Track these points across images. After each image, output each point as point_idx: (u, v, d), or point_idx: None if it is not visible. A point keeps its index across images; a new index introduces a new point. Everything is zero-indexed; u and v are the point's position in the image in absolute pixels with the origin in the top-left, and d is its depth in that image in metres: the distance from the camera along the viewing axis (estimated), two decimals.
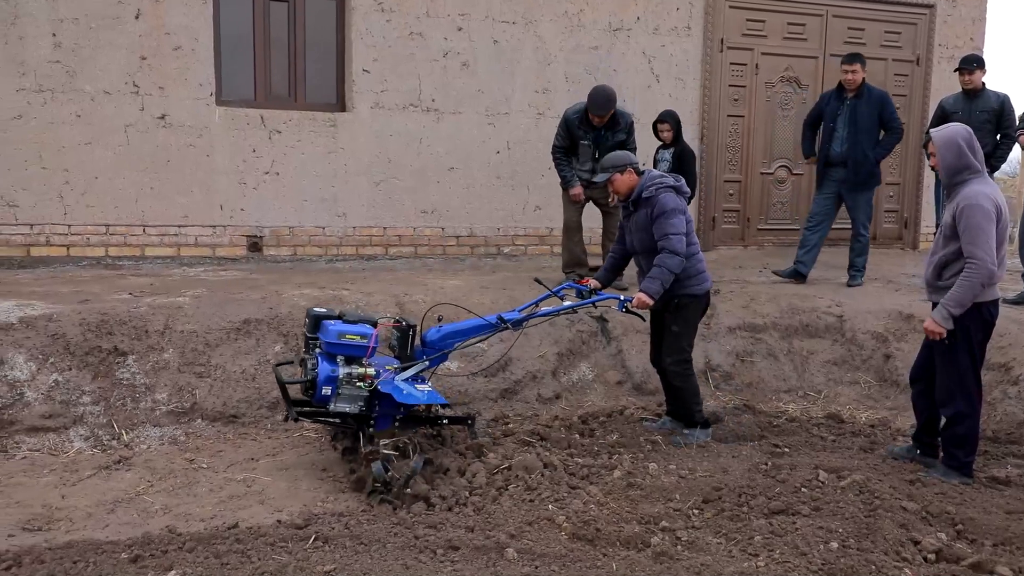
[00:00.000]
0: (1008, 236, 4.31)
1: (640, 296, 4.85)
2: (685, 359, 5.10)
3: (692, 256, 4.97)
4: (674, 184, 4.95)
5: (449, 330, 4.67)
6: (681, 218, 4.87)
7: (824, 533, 3.78)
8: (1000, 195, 4.31)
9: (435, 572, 3.43)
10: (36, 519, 3.93)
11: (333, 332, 4.30)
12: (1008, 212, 4.40)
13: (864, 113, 7.03)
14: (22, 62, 6.93)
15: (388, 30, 7.86)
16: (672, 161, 7.10)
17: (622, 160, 5.06)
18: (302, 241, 7.89)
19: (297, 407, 4.42)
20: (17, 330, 5.10)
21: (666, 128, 7.13)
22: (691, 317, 5.10)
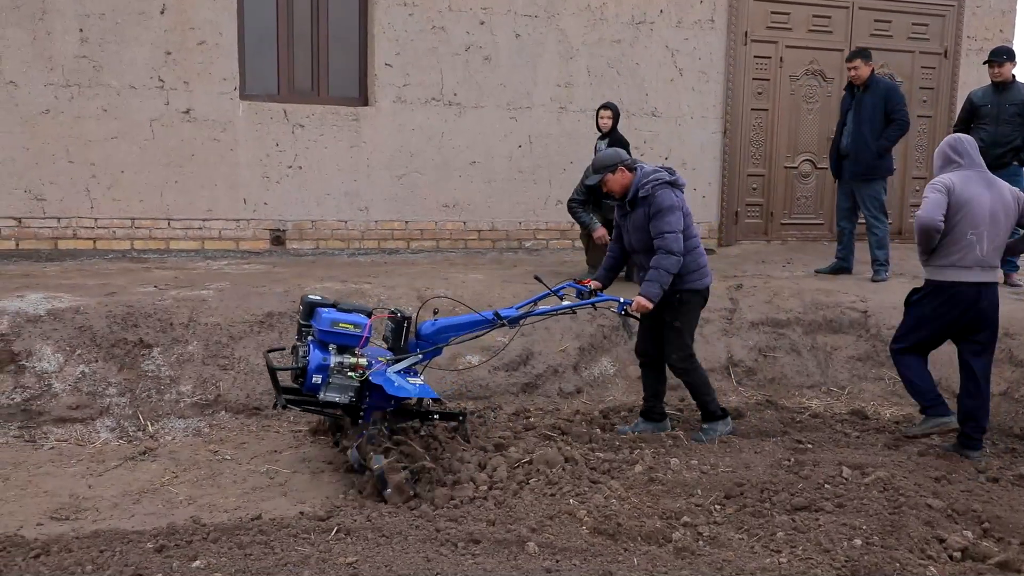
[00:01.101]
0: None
1: (639, 300, 4.76)
2: (689, 354, 5.01)
3: (693, 250, 4.88)
4: (670, 179, 4.81)
5: (444, 324, 4.59)
6: (678, 215, 4.75)
7: (848, 530, 3.75)
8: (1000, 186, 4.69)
9: (456, 565, 3.44)
10: (64, 508, 3.99)
11: (326, 320, 4.22)
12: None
13: (868, 105, 7.10)
14: (50, 57, 7.01)
15: (411, 24, 7.87)
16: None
17: (612, 159, 4.89)
18: (324, 235, 7.93)
19: (288, 395, 4.36)
20: (45, 322, 5.17)
21: (607, 116, 7.10)
22: (692, 312, 5.00)
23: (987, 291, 4.63)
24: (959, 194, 4.54)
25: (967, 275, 4.56)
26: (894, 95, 7.16)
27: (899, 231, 9.58)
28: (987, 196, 4.58)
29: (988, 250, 4.55)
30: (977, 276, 4.58)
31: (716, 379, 6.01)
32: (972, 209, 4.53)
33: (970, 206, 4.53)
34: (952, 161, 4.70)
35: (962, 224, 4.54)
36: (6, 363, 4.97)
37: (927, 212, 4.52)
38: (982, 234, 4.54)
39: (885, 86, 7.23)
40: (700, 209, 9.02)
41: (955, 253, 4.57)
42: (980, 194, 4.57)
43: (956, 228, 4.55)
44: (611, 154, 4.95)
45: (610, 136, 7.08)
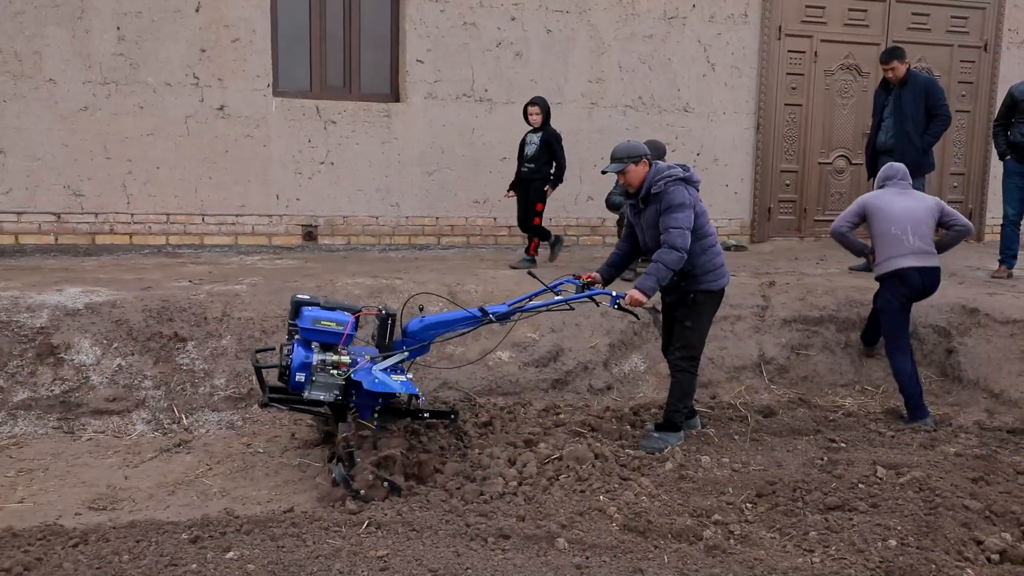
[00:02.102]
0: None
1: (633, 293, 4.59)
2: (694, 356, 4.83)
3: (709, 249, 4.73)
4: (683, 176, 4.66)
5: (432, 321, 4.51)
6: (688, 212, 4.58)
7: (882, 530, 3.71)
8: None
9: (486, 560, 3.45)
10: (101, 499, 4.06)
11: (308, 318, 4.19)
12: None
13: (909, 101, 7.00)
14: (88, 55, 7.13)
15: (442, 20, 7.89)
16: (539, 144, 7.01)
17: (637, 150, 4.73)
18: (356, 230, 7.98)
19: (276, 393, 4.35)
20: (83, 315, 5.26)
21: (536, 112, 7.00)
22: (706, 313, 4.83)
23: (926, 272, 5.38)
24: (869, 205, 5.53)
25: (904, 261, 5.34)
26: (934, 89, 7.05)
27: None
28: (899, 201, 5.48)
29: (915, 240, 5.35)
30: (913, 261, 5.34)
31: (747, 376, 5.98)
32: (885, 213, 5.43)
33: (882, 211, 5.44)
34: (880, 185, 5.73)
35: (882, 224, 5.42)
36: (45, 356, 5.06)
37: (836, 223, 5.69)
38: (905, 228, 5.37)
39: (924, 80, 7.12)
40: (732, 205, 8.95)
41: (888, 247, 5.39)
42: (891, 201, 5.48)
43: (879, 229, 5.44)
44: (636, 145, 4.80)
45: (543, 130, 7.00)
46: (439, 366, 5.48)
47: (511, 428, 4.96)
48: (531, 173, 7.02)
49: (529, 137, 7.08)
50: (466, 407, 5.28)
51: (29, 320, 5.16)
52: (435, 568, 3.36)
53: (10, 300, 5.25)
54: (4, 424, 4.79)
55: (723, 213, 8.91)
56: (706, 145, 8.74)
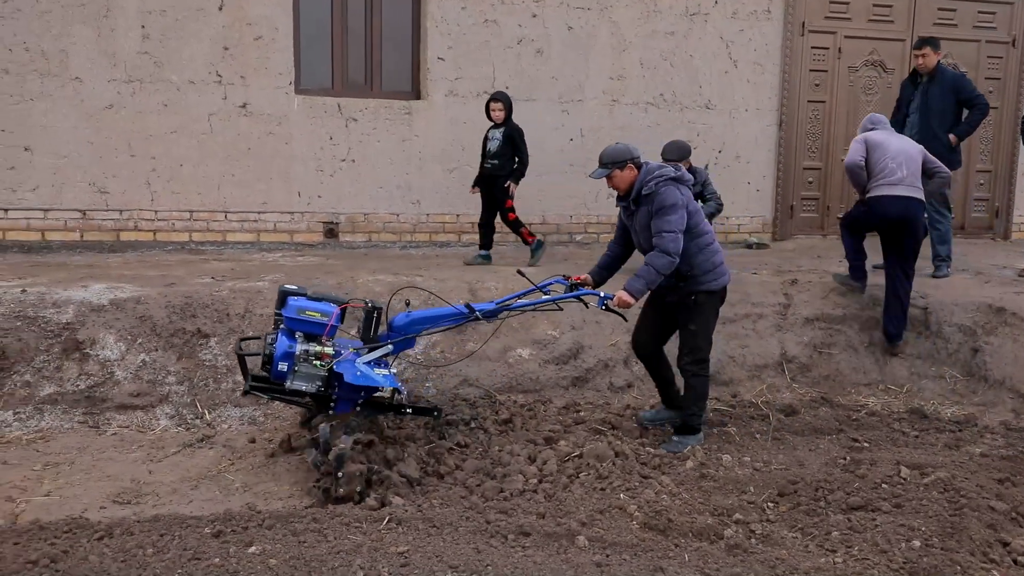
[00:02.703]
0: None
1: (621, 295, 4.51)
2: (702, 358, 4.75)
3: (706, 248, 4.63)
4: (674, 175, 4.58)
5: (418, 316, 4.51)
6: (680, 213, 4.49)
7: (906, 531, 3.68)
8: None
9: (506, 557, 3.45)
10: (125, 493, 4.11)
11: (293, 307, 4.18)
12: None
13: (936, 96, 6.89)
14: (113, 54, 7.20)
15: (463, 18, 7.89)
16: (502, 140, 6.93)
17: (622, 155, 4.64)
18: (377, 227, 8.00)
19: (259, 383, 4.33)
20: (108, 311, 5.31)
21: (499, 108, 6.90)
22: (708, 314, 4.73)
23: (912, 204, 5.91)
24: (872, 140, 6.06)
25: (895, 190, 5.90)
26: (964, 82, 6.95)
27: (962, 226, 9.32)
28: (895, 140, 6.10)
29: (908, 175, 5.92)
30: (903, 191, 5.90)
31: (769, 375, 5.94)
32: (885, 148, 6.00)
33: (883, 147, 6.01)
34: (867, 128, 6.24)
35: (883, 159, 5.96)
36: (71, 351, 5.13)
37: (850, 157, 6.08)
38: (900, 162, 5.93)
39: (952, 75, 7.02)
40: (754, 203, 8.89)
41: (885, 177, 5.94)
42: (888, 139, 6.08)
43: (879, 162, 5.97)
44: (622, 149, 4.69)
45: (506, 126, 6.93)
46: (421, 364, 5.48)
47: (531, 425, 4.97)
48: (495, 169, 6.93)
49: (491, 133, 6.99)
50: (486, 404, 5.29)
51: (55, 316, 5.22)
52: (455, 564, 3.37)
53: (37, 296, 5.32)
54: (31, 418, 4.86)
55: (745, 211, 8.85)
56: (728, 142, 8.69)
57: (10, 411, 4.86)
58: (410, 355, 5.45)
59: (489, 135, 7.01)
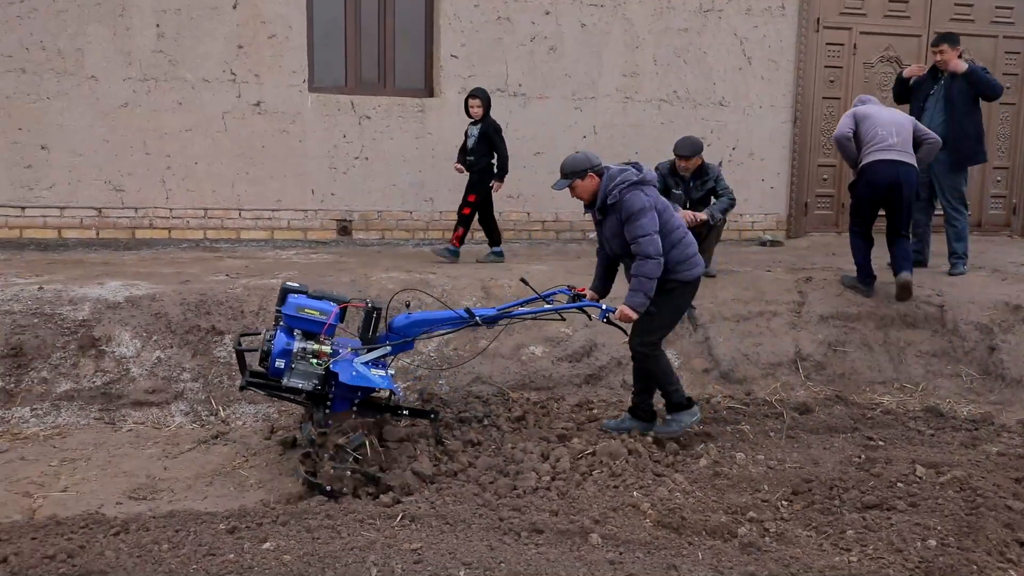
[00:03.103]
0: None
1: (623, 309, 4.50)
2: (652, 341, 4.66)
3: (679, 243, 4.60)
4: (637, 179, 4.51)
5: (418, 318, 4.49)
6: (651, 216, 4.44)
7: (921, 530, 3.65)
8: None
9: (519, 554, 3.45)
10: (141, 489, 4.13)
11: (292, 305, 4.16)
12: None
13: (958, 90, 6.77)
14: (128, 52, 7.24)
15: (476, 15, 7.89)
16: (478, 136, 6.88)
17: (581, 164, 4.60)
18: (390, 225, 8.02)
19: (257, 378, 4.34)
20: (124, 309, 5.35)
21: (477, 104, 6.87)
22: (675, 301, 4.69)
23: (903, 168, 6.10)
24: (861, 113, 6.29)
25: (886, 154, 6.08)
26: (976, 71, 6.79)
27: (979, 223, 9.26)
28: (884, 110, 6.33)
29: (899, 141, 6.09)
30: (895, 155, 6.08)
31: (783, 373, 5.91)
32: (874, 118, 6.19)
33: (871, 117, 6.21)
34: (860, 104, 6.48)
35: (872, 127, 6.15)
36: (87, 348, 5.16)
37: (838, 130, 6.32)
38: (890, 131, 6.11)
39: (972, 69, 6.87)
40: (768, 200, 8.85)
41: (876, 144, 6.12)
42: (878, 110, 6.30)
43: (869, 131, 6.15)
44: (580, 159, 4.65)
45: (483, 122, 6.89)
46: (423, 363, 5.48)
47: (544, 423, 4.97)
48: (471, 165, 6.91)
49: (470, 130, 6.97)
50: (499, 402, 5.29)
51: (72, 313, 5.26)
52: (468, 561, 3.38)
53: (54, 293, 5.36)
54: (48, 415, 4.90)
55: (758, 208, 8.82)
56: (742, 139, 8.66)
57: (27, 407, 4.90)
58: (423, 352, 5.46)
59: (468, 131, 6.99)
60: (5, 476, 4.20)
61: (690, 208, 6.47)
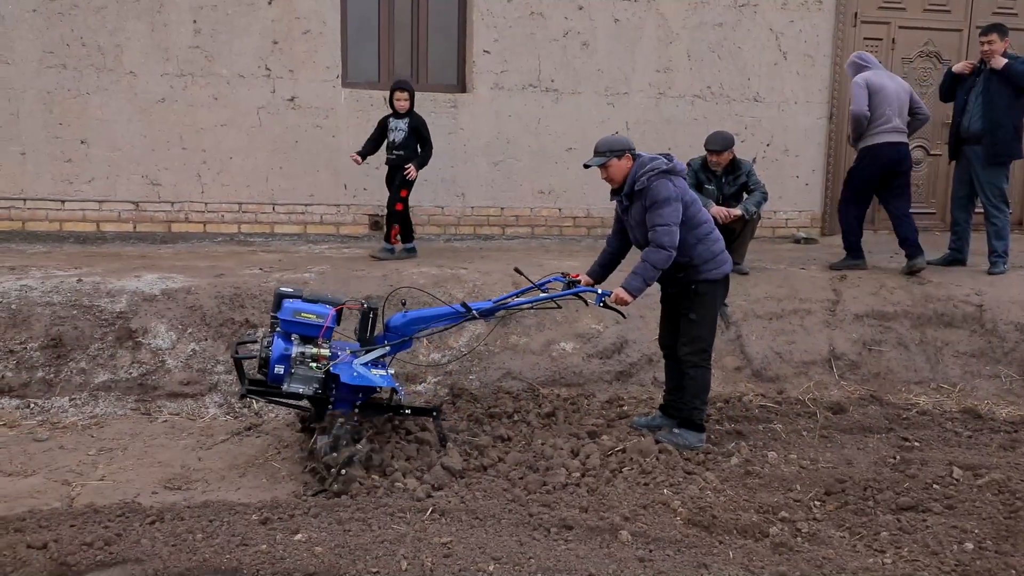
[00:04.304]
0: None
1: (618, 292, 4.44)
2: (703, 348, 4.60)
3: (705, 238, 4.51)
4: (666, 168, 4.42)
5: (414, 316, 4.46)
6: (674, 206, 4.37)
7: (958, 533, 3.60)
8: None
9: (549, 550, 3.46)
10: (176, 479, 4.19)
11: (288, 309, 4.15)
12: None
13: (998, 84, 6.63)
14: (166, 48, 7.33)
15: (509, 11, 7.88)
16: (408, 131, 6.72)
17: (620, 144, 4.55)
18: (421, 220, 8.04)
19: (257, 386, 4.33)
20: (160, 301, 5.43)
21: (404, 97, 6.69)
22: (709, 304, 4.59)
23: (902, 147, 6.59)
24: (874, 84, 6.51)
25: (890, 136, 6.50)
26: (1014, 66, 6.65)
27: (1019, 221, 9.07)
28: (890, 84, 6.57)
29: (898, 119, 6.53)
30: (896, 137, 6.53)
31: (816, 372, 5.85)
32: (885, 94, 6.49)
33: (882, 92, 6.50)
34: (862, 68, 6.69)
35: (881, 104, 6.47)
36: (124, 339, 5.25)
37: (858, 106, 6.50)
38: (895, 108, 6.50)
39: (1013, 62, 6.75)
40: (803, 197, 8.75)
41: (882, 124, 6.48)
42: (886, 83, 6.54)
43: (877, 108, 6.50)
44: (619, 139, 4.63)
45: (411, 116, 6.73)
46: None
47: (574, 419, 4.96)
48: (400, 160, 6.73)
49: (393, 123, 6.77)
50: (529, 397, 5.29)
51: (109, 305, 5.35)
52: (498, 556, 3.38)
53: (92, 286, 5.45)
54: (86, 404, 4.99)
55: (793, 205, 8.72)
56: (776, 135, 8.56)
57: (66, 397, 5.00)
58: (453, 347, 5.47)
59: (391, 125, 6.78)
60: (45, 464, 4.29)
61: (722, 204, 6.42)
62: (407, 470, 4.16)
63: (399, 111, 6.74)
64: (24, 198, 7.29)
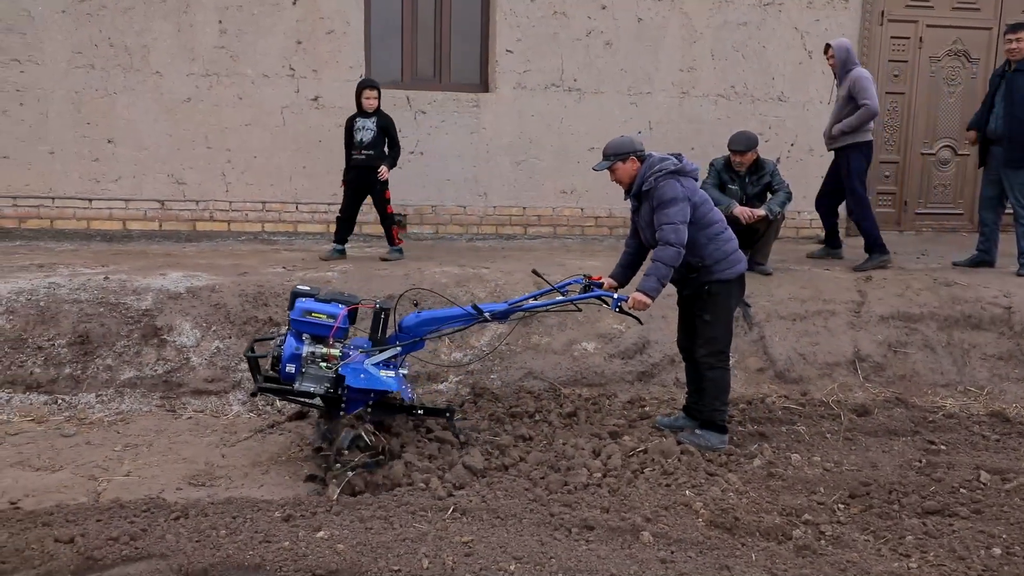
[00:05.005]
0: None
1: (636, 296, 4.37)
2: (720, 349, 4.56)
3: (716, 238, 4.47)
4: (674, 168, 4.41)
5: (427, 317, 4.46)
6: (681, 206, 4.34)
7: (985, 538, 3.55)
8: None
9: (570, 550, 3.45)
10: (200, 475, 4.23)
11: (299, 309, 4.18)
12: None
13: (1020, 85, 6.54)
14: (192, 48, 7.40)
15: (532, 10, 7.88)
16: (376, 130, 6.59)
17: (624, 147, 4.52)
18: (444, 219, 8.07)
19: (270, 383, 4.34)
20: (184, 299, 5.48)
21: (373, 96, 6.57)
22: (723, 304, 4.55)
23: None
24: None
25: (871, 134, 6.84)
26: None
27: None
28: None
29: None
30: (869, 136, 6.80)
31: (841, 374, 5.79)
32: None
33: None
34: (856, 61, 6.82)
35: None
36: (150, 337, 5.30)
37: (875, 102, 6.64)
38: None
39: None
40: None
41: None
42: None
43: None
44: (623, 141, 4.57)
45: (379, 116, 6.62)
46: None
47: (596, 419, 4.95)
48: (369, 160, 6.58)
49: (361, 123, 6.63)
50: (551, 397, 5.29)
51: (135, 303, 5.40)
52: (519, 556, 3.38)
53: (118, 283, 5.51)
54: (112, 401, 5.05)
55: None
56: (801, 135, 8.49)
57: (93, 393, 5.06)
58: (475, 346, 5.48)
59: (358, 124, 6.64)
60: (72, 460, 4.34)
61: (746, 204, 6.37)
62: (428, 469, 4.17)
63: (367, 110, 6.61)
64: (53, 197, 7.40)
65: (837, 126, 6.82)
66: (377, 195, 6.66)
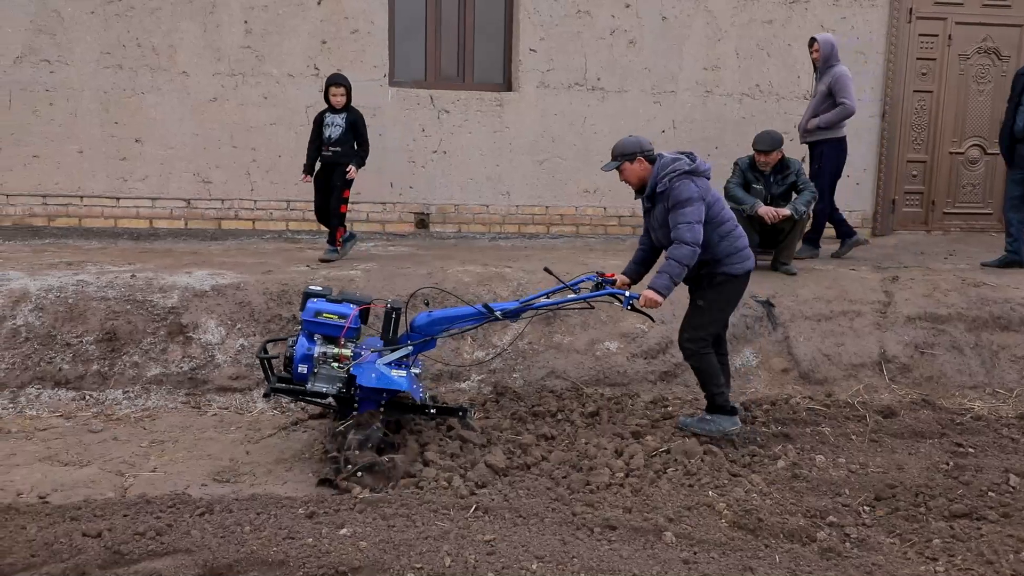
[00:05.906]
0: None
1: (648, 294, 4.37)
2: (701, 337, 4.55)
3: (729, 235, 4.49)
4: (688, 168, 4.40)
5: (438, 316, 4.46)
6: (697, 206, 4.34)
7: (1014, 542, 3.50)
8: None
9: (592, 550, 3.44)
10: (224, 472, 4.26)
11: (311, 309, 4.20)
12: None
13: None
14: (218, 48, 7.47)
15: (555, 9, 7.87)
16: (345, 126, 6.49)
17: (631, 147, 4.53)
18: (467, 218, 8.08)
19: (283, 384, 4.37)
20: (210, 297, 5.53)
21: (340, 92, 6.47)
22: (723, 295, 4.57)
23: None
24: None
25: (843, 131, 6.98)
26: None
27: None
28: None
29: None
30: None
31: (866, 375, 5.73)
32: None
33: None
34: (838, 57, 6.92)
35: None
36: (176, 334, 5.36)
37: (853, 101, 6.80)
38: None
39: None
40: (853, 197, 8.58)
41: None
42: None
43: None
44: (630, 142, 4.58)
45: (348, 111, 6.54)
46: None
47: (618, 419, 4.93)
48: (337, 157, 6.50)
49: (330, 119, 6.56)
50: (573, 396, 5.28)
51: (161, 300, 5.46)
52: (541, 555, 3.38)
53: (145, 281, 5.57)
54: (139, 397, 5.10)
55: (843, 205, 8.50)
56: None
57: (120, 390, 5.12)
58: (497, 346, 5.48)
59: (327, 120, 6.57)
60: (100, 455, 4.40)
61: (771, 204, 6.33)
62: (450, 468, 4.18)
63: (336, 106, 6.55)
64: (81, 195, 7.49)
65: (813, 121, 6.92)
66: (336, 191, 6.56)
